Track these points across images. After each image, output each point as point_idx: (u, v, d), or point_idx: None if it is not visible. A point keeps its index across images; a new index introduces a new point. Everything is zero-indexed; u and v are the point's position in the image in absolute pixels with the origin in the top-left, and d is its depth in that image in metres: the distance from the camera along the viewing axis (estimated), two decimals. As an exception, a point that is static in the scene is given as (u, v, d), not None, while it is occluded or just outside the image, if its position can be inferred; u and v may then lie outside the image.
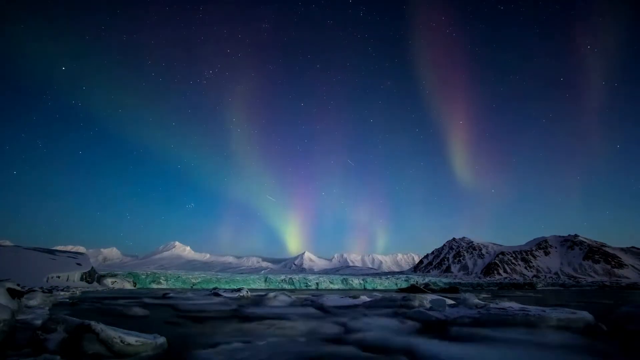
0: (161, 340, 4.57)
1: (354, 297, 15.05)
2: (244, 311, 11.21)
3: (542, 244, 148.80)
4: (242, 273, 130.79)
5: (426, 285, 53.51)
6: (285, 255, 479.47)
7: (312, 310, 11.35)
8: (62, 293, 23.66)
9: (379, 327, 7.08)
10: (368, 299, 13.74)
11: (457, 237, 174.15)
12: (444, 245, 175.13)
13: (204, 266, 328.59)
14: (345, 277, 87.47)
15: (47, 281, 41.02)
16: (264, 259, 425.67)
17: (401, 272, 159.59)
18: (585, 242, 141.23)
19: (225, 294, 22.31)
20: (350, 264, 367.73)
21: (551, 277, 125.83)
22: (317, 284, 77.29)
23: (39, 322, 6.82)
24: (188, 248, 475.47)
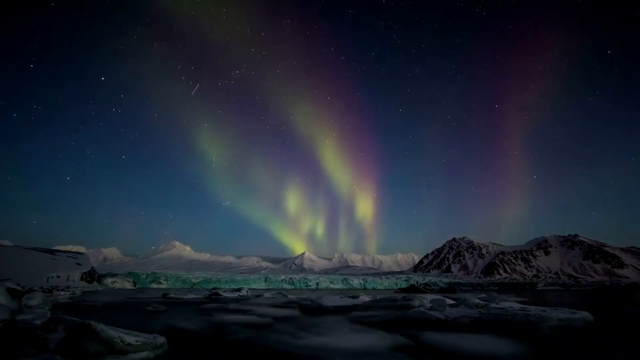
0: (161, 340, 4.56)
1: (354, 297, 15.03)
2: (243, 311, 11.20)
3: (542, 244, 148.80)
4: (242, 273, 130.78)
5: (426, 285, 53.49)
6: (286, 255, 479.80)
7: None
8: (62, 293, 23.65)
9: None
10: (367, 299, 13.74)
11: (457, 237, 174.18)
12: (444, 245, 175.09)
13: (204, 266, 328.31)
14: (345, 277, 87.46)
15: (47, 281, 41.04)
16: (264, 259, 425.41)
17: (401, 272, 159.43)
18: (585, 242, 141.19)
19: (225, 294, 22.34)
20: (350, 264, 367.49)
21: (551, 277, 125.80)
22: (317, 283, 77.29)
23: (39, 322, 6.82)
24: (188, 248, 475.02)
